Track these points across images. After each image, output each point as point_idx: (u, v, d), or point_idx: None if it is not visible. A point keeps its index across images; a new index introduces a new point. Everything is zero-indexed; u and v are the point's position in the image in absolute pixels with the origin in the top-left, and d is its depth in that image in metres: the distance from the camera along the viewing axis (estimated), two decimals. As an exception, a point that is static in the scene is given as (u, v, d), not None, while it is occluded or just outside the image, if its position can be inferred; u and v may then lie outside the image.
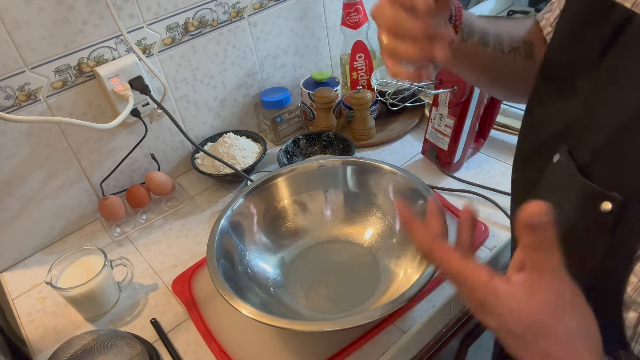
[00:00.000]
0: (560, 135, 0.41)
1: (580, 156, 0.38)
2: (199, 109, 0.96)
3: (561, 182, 0.41)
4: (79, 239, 0.87)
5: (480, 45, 0.54)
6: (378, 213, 0.75)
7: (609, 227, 0.36)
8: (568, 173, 0.39)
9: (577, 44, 0.41)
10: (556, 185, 0.42)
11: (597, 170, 0.37)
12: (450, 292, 0.68)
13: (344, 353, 0.62)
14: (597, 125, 0.38)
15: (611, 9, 0.37)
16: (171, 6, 0.83)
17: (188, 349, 0.66)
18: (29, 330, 0.72)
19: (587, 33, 0.40)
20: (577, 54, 0.41)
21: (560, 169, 0.41)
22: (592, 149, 0.38)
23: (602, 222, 0.37)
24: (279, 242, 0.75)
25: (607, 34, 0.37)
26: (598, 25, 0.38)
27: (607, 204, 0.36)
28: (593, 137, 0.38)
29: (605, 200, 0.36)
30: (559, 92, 0.43)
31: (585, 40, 0.40)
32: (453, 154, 0.85)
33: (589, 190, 0.37)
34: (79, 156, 0.84)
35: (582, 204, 0.38)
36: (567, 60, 0.43)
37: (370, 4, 1.13)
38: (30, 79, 0.74)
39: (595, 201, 0.36)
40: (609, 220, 0.36)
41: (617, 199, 0.35)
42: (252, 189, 0.74)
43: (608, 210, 0.36)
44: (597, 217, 0.37)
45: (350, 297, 0.68)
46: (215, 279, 0.61)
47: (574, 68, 0.41)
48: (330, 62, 1.14)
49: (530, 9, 1.27)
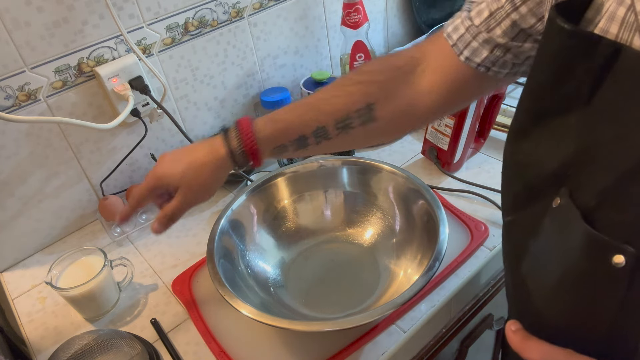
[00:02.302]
0: (559, 177, 0.38)
1: (584, 201, 0.35)
2: (199, 109, 0.96)
3: (565, 229, 0.38)
4: (79, 239, 0.87)
5: (301, 150, 0.57)
6: (378, 213, 0.75)
7: (624, 283, 0.33)
8: (571, 220, 0.36)
9: (563, 82, 0.38)
10: (560, 232, 0.39)
11: (605, 218, 0.34)
12: (450, 292, 0.68)
13: (344, 353, 0.62)
14: (600, 166, 0.35)
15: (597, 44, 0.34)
16: (171, 6, 0.83)
17: (188, 349, 0.66)
18: (29, 330, 0.72)
19: (574, 71, 0.37)
20: (565, 91, 0.38)
21: (562, 214, 0.38)
22: (597, 193, 0.34)
23: (615, 277, 0.34)
24: (279, 242, 0.75)
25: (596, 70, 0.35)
26: (585, 61, 0.36)
27: (619, 257, 0.33)
28: (597, 178, 0.35)
29: (618, 254, 0.33)
30: (550, 130, 0.40)
31: (573, 78, 0.37)
32: (453, 154, 0.85)
33: (598, 241, 0.34)
34: (79, 156, 0.84)
35: (591, 255, 0.35)
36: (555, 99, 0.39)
37: (371, 4, 1.13)
38: (30, 79, 0.74)
39: (605, 253, 0.33)
40: (623, 275, 0.33)
41: (630, 252, 0.32)
42: (252, 189, 0.74)
43: (621, 265, 0.33)
44: (608, 270, 0.34)
45: (350, 297, 0.68)
46: (215, 279, 0.61)
47: (564, 106, 0.38)
48: (330, 62, 1.14)
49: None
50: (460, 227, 0.75)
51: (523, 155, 0.44)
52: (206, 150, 0.57)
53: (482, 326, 0.84)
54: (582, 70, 0.36)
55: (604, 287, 0.35)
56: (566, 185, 0.37)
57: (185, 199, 0.58)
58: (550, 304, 0.42)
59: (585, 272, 0.36)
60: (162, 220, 0.59)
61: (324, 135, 0.55)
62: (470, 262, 0.71)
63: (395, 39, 1.25)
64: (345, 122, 0.55)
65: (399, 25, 1.24)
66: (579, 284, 0.37)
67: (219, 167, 0.57)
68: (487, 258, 0.72)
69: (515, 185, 0.46)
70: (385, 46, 1.24)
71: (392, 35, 1.24)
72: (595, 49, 0.34)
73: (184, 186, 0.57)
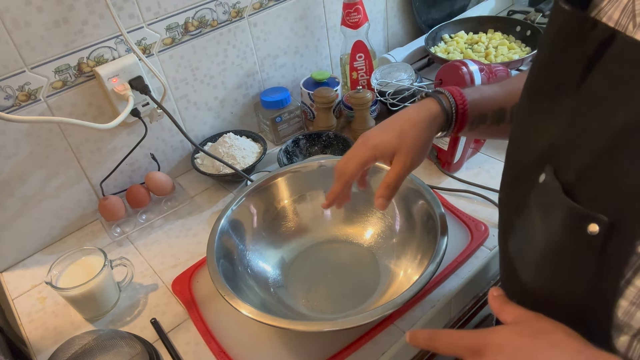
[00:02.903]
0: (546, 156, 0.41)
1: (565, 177, 0.38)
2: (199, 109, 0.96)
3: (547, 203, 0.40)
4: (79, 239, 0.87)
5: (494, 125, 0.60)
6: (378, 213, 0.75)
7: (597, 250, 0.36)
8: (554, 194, 0.38)
9: (559, 63, 0.40)
10: (543, 206, 0.42)
11: (583, 191, 0.37)
12: (450, 292, 0.68)
13: (344, 353, 0.62)
14: (581, 146, 0.37)
15: (593, 28, 0.36)
16: (171, 6, 0.83)
17: (188, 349, 0.66)
18: (29, 330, 0.72)
19: (569, 53, 0.38)
20: (559, 73, 0.40)
21: (546, 189, 0.40)
22: (577, 170, 0.37)
23: (590, 245, 0.36)
24: (279, 242, 0.75)
25: (590, 54, 0.36)
26: (580, 44, 0.37)
27: (594, 226, 0.35)
28: (578, 157, 0.37)
29: (592, 223, 0.35)
30: (543, 112, 0.42)
31: (567, 60, 0.39)
32: (453, 154, 0.85)
33: (575, 211, 0.36)
34: (79, 156, 0.84)
35: (569, 225, 0.38)
36: (549, 80, 0.42)
37: (371, 4, 1.13)
38: (30, 79, 0.74)
39: (581, 223, 0.36)
40: (597, 242, 0.36)
41: (603, 221, 0.35)
42: (252, 189, 0.74)
43: (595, 233, 0.35)
44: (584, 239, 0.36)
45: (350, 297, 0.68)
46: (215, 279, 0.61)
47: (557, 88, 0.40)
48: (330, 62, 1.14)
49: (530, 9, 1.27)
50: (460, 227, 0.75)
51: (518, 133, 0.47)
52: (417, 109, 0.58)
53: (482, 326, 0.84)
54: (576, 54, 0.37)
55: (581, 256, 0.38)
56: (551, 163, 0.40)
57: (405, 163, 0.56)
58: (534, 278, 0.45)
59: (565, 243, 0.39)
60: (385, 192, 0.56)
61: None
62: (470, 262, 0.71)
63: (395, 39, 1.25)
64: None
65: (399, 25, 1.24)
66: (559, 255, 0.40)
67: (433, 123, 0.58)
68: (487, 258, 0.72)
69: (508, 163, 0.49)
70: (385, 46, 1.24)
71: (392, 35, 1.24)
72: (591, 33, 0.36)
73: (402, 149, 0.56)
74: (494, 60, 1.06)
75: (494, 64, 0.82)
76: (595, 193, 0.36)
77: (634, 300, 0.36)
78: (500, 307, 0.43)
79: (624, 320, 0.37)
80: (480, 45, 1.12)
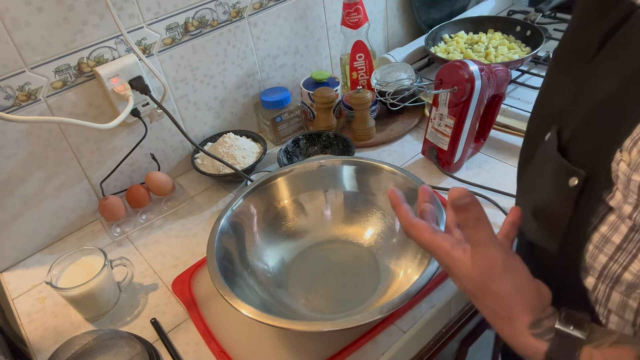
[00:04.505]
0: (555, 117, 0.45)
1: (564, 136, 0.42)
2: (199, 109, 0.96)
3: (545, 157, 0.45)
4: (79, 239, 0.87)
5: None
6: (378, 213, 0.75)
7: (573, 201, 0.40)
8: (551, 150, 0.42)
9: (580, 37, 0.44)
10: (542, 160, 0.46)
11: (572, 149, 0.41)
12: (450, 292, 0.68)
13: (344, 353, 0.62)
14: (578, 109, 0.41)
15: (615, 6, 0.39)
16: (171, 6, 0.83)
17: (188, 349, 0.66)
18: (29, 330, 0.72)
19: (590, 28, 0.42)
20: (578, 46, 0.44)
21: (547, 146, 0.44)
22: (571, 130, 0.41)
23: (569, 196, 0.40)
24: (279, 242, 0.75)
25: (607, 30, 0.39)
26: (600, 20, 0.40)
27: (574, 179, 0.39)
28: (574, 119, 0.41)
29: (573, 176, 0.39)
30: (560, 80, 0.46)
31: (587, 35, 0.42)
32: (453, 154, 0.85)
33: (562, 166, 0.40)
34: (79, 156, 0.84)
35: (556, 177, 0.42)
36: (570, 51, 0.46)
37: (371, 4, 1.13)
38: (30, 79, 0.74)
39: (566, 176, 0.40)
40: (574, 193, 0.39)
41: (581, 175, 0.39)
42: (252, 189, 0.74)
43: (574, 185, 0.39)
44: (565, 191, 0.40)
45: (350, 297, 0.68)
46: (215, 279, 0.61)
47: (574, 60, 0.44)
48: (330, 62, 1.14)
49: (530, 9, 1.27)
50: (460, 227, 0.75)
51: (540, 96, 0.51)
52: None
53: (482, 326, 0.84)
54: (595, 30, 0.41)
55: (561, 206, 0.42)
56: (556, 124, 0.44)
57: None
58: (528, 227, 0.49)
59: (552, 194, 0.44)
60: None
61: None
62: (470, 262, 0.71)
63: (395, 39, 1.25)
64: None
65: (399, 25, 1.24)
66: (547, 203, 0.45)
67: None
68: (487, 258, 0.72)
69: (529, 122, 0.53)
70: (385, 46, 1.24)
71: (392, 35, 1.24)
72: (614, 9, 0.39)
73: None
74: (494, 60, 1.06)
75: (494, 64, 0.82)
76: (579, 151, 0.40)
77: (597, 244, 0.40)
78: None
79: (589, 263, 0.41)
80: (480, 45, 1.12)
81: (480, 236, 0.43)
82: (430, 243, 0.48)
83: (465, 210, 0.42)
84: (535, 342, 0.41)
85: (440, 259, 0.48)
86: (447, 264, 0.47)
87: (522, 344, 0.42)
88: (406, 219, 0.51)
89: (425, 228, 0.49)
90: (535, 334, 0.41)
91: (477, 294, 0.44)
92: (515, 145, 0.90)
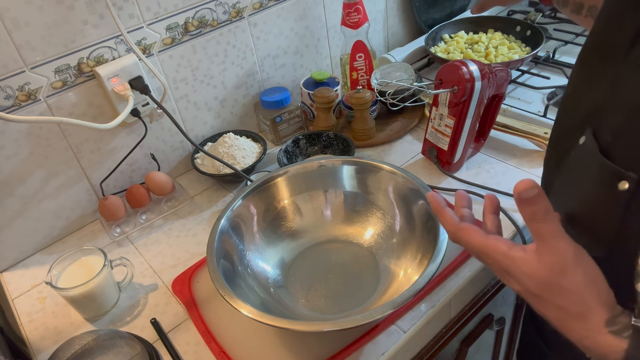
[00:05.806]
0: (589, 118, 0.43)
1: (602, 138, 0.40)
2: (199, 109, 0.96)
3: (584, 161, 0.43)
4: (79, 239, 0.87)
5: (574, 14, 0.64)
6: (378, 213, 0.75)
7: (623, 205, 0.38)
8: (591, 153, 0.41)
9: (611, 32, 0.43)
10: (579, 164, 0.45)
11: (617, 151, 0.39)
12: (451, 292, 0.68)
13: (344, 353, 0.62)
14: (619, 107, 0.40)
15: None
16: (171, 6, 0.83)
17: (188, 349, 0.66)
18: (29, 330, 0.72)
19: (622, 22, 0.41)
20: (610, 41, 0.42)
21: (584, 150, 0.43)
22: (613, 130, 0.39)
23: (619, 201, 0.39)
24: (279, 242, 0.75)
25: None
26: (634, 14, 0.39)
27: (624, 183, 0.38)
28: (615, 118, 0.40)
29: (623, 180, 0.38)
30: (590, 78, 0.45)
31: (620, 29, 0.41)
32: (453, 154, 0.85)
33: (609, 169, 0.39)
34: (79, 156, 0.84)
35: (602, 182, 0.40)
36: (601, 48, 0.44)
37: (371, 4, 1.13)
38: (30, 79, 0.74)
39: (613, 180, 0.38)
40: (625, 198, 0.38)
41: (633, 179, 0.37)
42: (252, 189, 0.74)
43: (625, 189, 0.38)
44: (614, 196, 0.39)
45: (350, 297, 0.68)
46: (215, 279, 0.61)
47: (607, 55, 0.43)
48: (330, 62, 1.14)
49: (530, 9, 1.27)
50: (460, 227, 0.75)
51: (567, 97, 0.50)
52: None
53: (482, 326, 0.84)
54: (629, 23, 0.40)
55: (608, 212, 0.41)
56: (591, 125, 0.42)
57: None
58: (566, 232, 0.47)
59: (595, 200, 0.42)
60: None
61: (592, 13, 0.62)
62: (470, 262, 0.71)
63: (395, 39, 1.25)
64: None
65: (399, 25, 1.24)
66: (588, 207, 0.44)
67: None
68: (487, 258, 0.72)
69: (556, 124, 0.52)
70: (385, 46, 1.24)
71: (392, 35, 1.24)
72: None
73: None
74: (494, 60, 1.06)
75: (494, 64, 0.82)
76: (628, 152, 0.38)
77: None
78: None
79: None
80: (480, 45, 1.12)
81: (549, 229, 0.40)
82: (483, 246, 0.45)
83: (533, 203, 0.39)
84: (613, 339, 0.39)
85: (496, 262, 0.44)
86: (505, 266, 0.43)
87: (599, 343, 0.39)
88: (452, 223, 0.48)
89: (476, 231, 0.46)
90: (613, 331, 0.39)
91: (542, 294, 0.41)
92: (515, 145, 0.90)
